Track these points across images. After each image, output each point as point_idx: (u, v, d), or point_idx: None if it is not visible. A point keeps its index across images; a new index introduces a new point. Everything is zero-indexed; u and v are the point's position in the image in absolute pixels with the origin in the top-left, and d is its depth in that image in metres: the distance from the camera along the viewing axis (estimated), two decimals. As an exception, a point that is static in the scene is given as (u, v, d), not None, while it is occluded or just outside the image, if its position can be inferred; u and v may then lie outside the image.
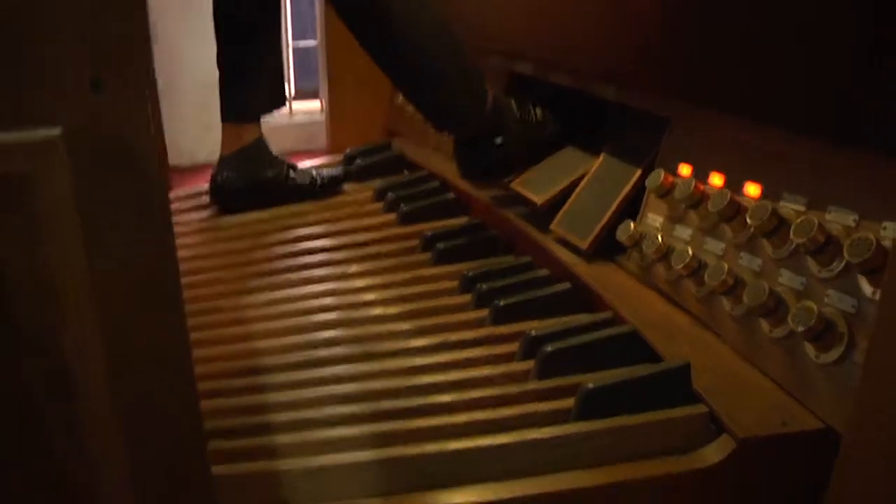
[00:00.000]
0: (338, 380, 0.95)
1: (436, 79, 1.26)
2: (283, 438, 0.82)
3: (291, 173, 1.51)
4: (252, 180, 1.47)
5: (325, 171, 1.57)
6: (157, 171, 0.40)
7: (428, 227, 1.35)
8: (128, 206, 0.40)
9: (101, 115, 0.38)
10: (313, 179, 1.53)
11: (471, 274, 1.16)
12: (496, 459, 0.76)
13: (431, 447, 0.76)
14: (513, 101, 1.37)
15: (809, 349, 0.78)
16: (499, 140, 1.33)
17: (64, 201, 0.38)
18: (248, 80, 1.44)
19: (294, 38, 2.78)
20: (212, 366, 1.02)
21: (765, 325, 0.84)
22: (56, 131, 0.37)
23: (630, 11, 0.99)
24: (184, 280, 1.26)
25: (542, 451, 0.76)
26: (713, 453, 0.75)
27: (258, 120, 1.49)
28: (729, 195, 0.89)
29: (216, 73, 1.45)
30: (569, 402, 0.82)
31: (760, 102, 0.86)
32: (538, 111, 1.38)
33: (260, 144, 1.48)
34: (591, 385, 0.80)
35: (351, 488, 0.74)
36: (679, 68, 0.95)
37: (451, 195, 1.46)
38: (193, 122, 2.42)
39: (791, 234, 0.79)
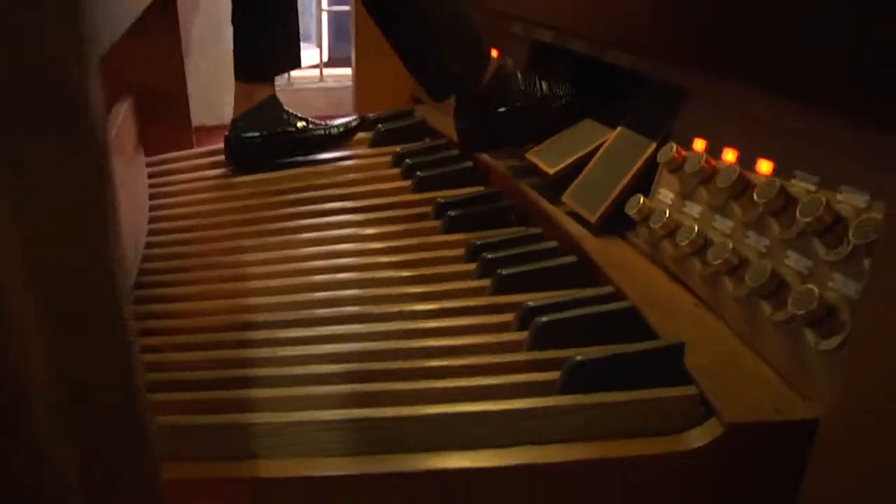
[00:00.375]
0: (329, 339, 0.94)
1: (432, 43, 1.24)
2: (261, 393, 0.81)
3: (304, 125, 1.49)
4: (266, 137, 1.46)
5: (340, 121, 1.55)
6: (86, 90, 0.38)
7: (443, 195, 1.33)
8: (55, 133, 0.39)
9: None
10: (328, 129, 1.50)
11: (478, 243, 1.14)
12: (471, 427, 0.74)
13: (406, 410, 0.75)
14: (518, 74, 1.33)
15: (809, 335, 0.74)
16: (500, 110, 1.30)
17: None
18: (260, 38, 1.42)
19: (330, 3, 2.76)
20: (206, 319, 1.02)
21: (766, 307, 0.80)
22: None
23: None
24: (190, 235, 1.27)
25: (519, 422, 0.74)
26: (697, 437, 0.72)
27: (270, 79, 1.47)
28: (738, 171, 0.85)
29: None
30: (557, 375, 0.80)
31: (775, 74, 0.81)
32: (544, 84, 1.33)
33: (272, 102, 1.46)
34: (578, 358, 0.78)
35: (317, 446, 0.72)
36: (692, 37, 0.90)
37: (468, 163, 1.44)
38: (226, 82, 2.41)
39: (797, 213, 0.75)
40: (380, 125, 1.62)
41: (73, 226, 0.41)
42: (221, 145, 1.51)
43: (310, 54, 2.83)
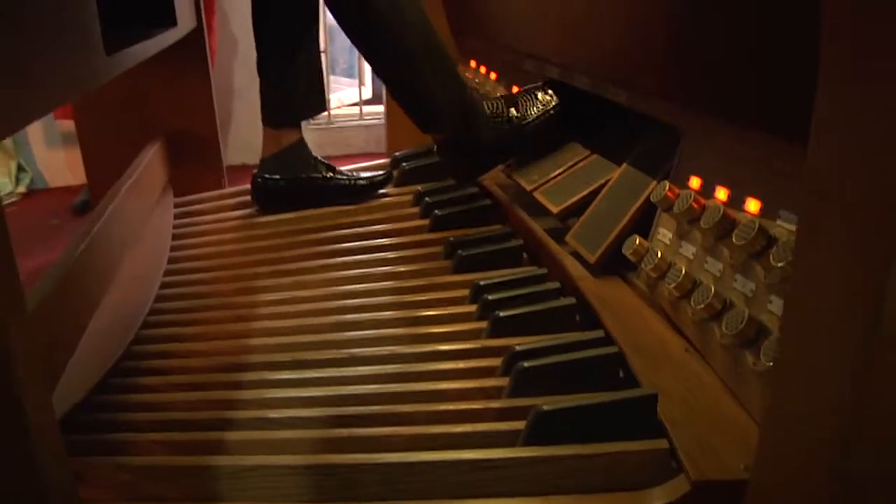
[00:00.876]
0: (316, 382, 0.94)
1: (418, 83, 1.28)
2: (233, 436, 0.81)
3: (331, 174, 1.52)
4: (291, 180, 1.49)
5: (368, 174, 1.56)
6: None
7: (458, 234, 1.32)
8: None
9: None
10: (353, 180, 1.53)
11: (481, 283, 1.12)
12: (429, 475, 0.72)
13: (363, 457, 0.73)
14: (485, 102, 1.37)
15: (787, 386, 0.69)
16: (475, 140, 1.35)
17: None
18: (284, 86, 1.46)
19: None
20: (203, 360, 1.04)
21: (748, 355, 0.76)
22: None
23: (639, 19, 0.93)
24: (207, 275, 1.30)
25: (481, 472, 0.72)
26: (662, 494, 0.69)
27: (297, 125, 1.50)
28: (722, 211, 0.81)
29: None
30: (528, 424, 0.77)
31: (760, 114, 0.78)
32: (511, 111, 1.37)
33: (299, 147, 1.49)
34: (544, 408, 0.75)
35: (274, 491, 0.72)
36: (686, 76, 0.88)
37: (486, 202, 1.43)
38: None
39: (771, 257, 0.71)
40: (404, 164, 1.62)
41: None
42: (247, 186, 1.54)
43: (351, 92, 2.88)
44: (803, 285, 0.45)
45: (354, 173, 1.56)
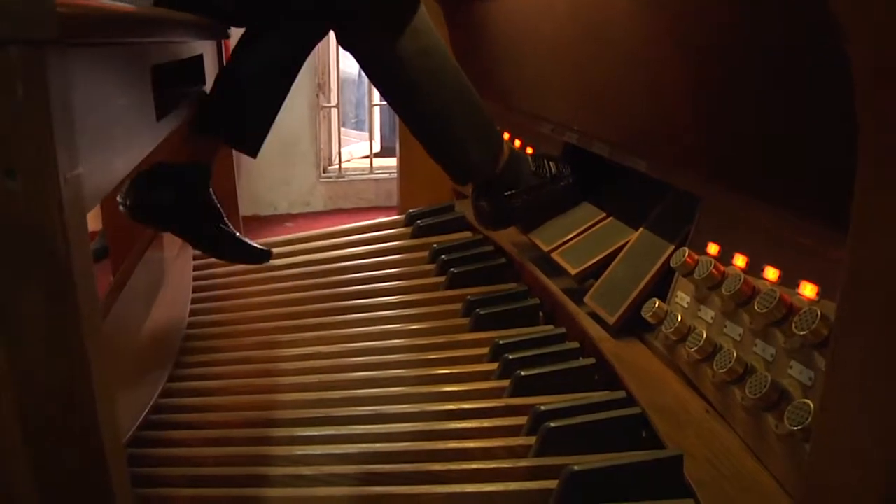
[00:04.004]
0: (345, 439, 0.97)
1: (455, 138, 1.29)
2: (269, 492, 0.83)
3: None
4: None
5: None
6: (67, 250, 0.44)
7: (474, 292, 1.36)
8: (35, 285, 0.44)
9: (12, 199, 0.42)
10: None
11: (501, 342, 1.15)
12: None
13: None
14: (529, 156, 1.40)
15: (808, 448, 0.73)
16: (514, 191, 1.36)
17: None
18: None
19: (382, 99, 2.88)
20: (228, 415, 1.06)
21: (771, 419, 0.79)
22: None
23: (658, 92, 0.98)
24: (227, 328, 1.32)
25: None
26: (690, 554, 0.71)
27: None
28: (742, 278, 0.85)
29: (299, 131, 1.46)
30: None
31: (782, 189, 0.82)
32: (552, 165, 1.40)
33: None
34: (575, 468, 0.78)
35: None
36: (707, 148, 0.92)
37: (501, 260, 1.47)
38: (276, 175, 2.54)
39: (793, 326, 0.75)
40: (419, 221, 1.66)
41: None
42: (265, 238, 1.58)
43: (362, 145, 2.94)
44: (842, 366, 0.49)
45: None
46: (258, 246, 1.27)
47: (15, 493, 0.48)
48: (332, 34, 1.26)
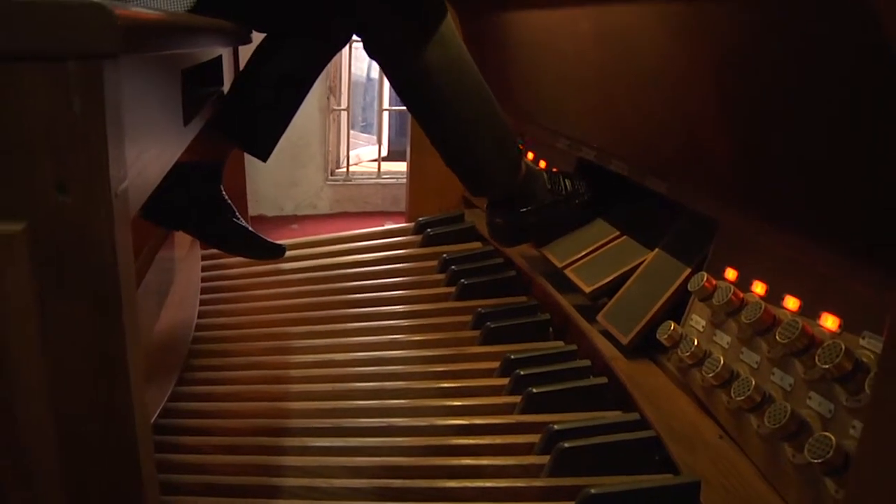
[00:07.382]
0: (357, 451, 0.96)
1: (476, 151, 1.28)
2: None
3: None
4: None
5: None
6: (115, 264, 0.44)
7: (484, 304, 1.36)
8: (83, 298, 0.44)
9: (63, 213, 0.42)
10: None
11: (512, 357, 1.15)
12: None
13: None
14: (544, 173, 1.39)
15: (829, 483, 0.73)
16: (530, 208, 1.36)
17: (21, 291, 0.42)
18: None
19: (391, 104, 2.88)
20: (239, 421, 1.06)
21: (788, 448, 0.79)
22: (19, 226, 0.41)
23: (682, 114, 0.98)
24: (237, 332, 1.32)
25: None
26: (707, 581, 0.71)
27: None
28: (763, 307, 0.86)
29: (309, 134, 1.44)
30: (572, 505, 0.80)
31: (805, 218, 0.83)
32: (568, 182, 1.40)
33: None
34: (592, 491, 0.78)
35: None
36: (727, 173, 0.93)
37: (511, 272, 1.47)
38: (284, 176, 2.54)
39: (816, 358, 0.75)
40: (429, 230, 1.66)
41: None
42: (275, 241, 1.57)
43: (370, 149, 2.94)
44: (885, 407, 0.49)
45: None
46: (271, 241, 1.29)
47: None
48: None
